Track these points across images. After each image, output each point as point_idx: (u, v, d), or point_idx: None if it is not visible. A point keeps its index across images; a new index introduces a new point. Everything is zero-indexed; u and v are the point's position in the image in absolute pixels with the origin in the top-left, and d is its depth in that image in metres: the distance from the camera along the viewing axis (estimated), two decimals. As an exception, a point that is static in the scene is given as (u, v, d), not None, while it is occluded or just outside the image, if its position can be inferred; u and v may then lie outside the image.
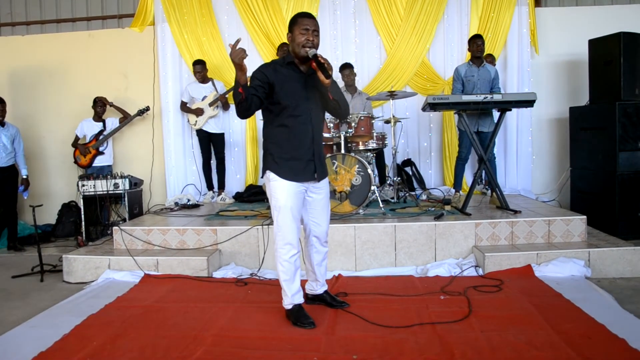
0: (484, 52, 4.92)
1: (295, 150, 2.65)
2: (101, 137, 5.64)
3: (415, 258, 3.82)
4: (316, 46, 2.59)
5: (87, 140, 5.67)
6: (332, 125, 4.50)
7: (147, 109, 5.88)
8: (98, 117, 5.70)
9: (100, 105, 5.67)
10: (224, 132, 5.81)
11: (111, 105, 5.76)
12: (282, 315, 2.79)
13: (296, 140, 2.65)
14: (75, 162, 5.68)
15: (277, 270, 2.71)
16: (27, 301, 3.41)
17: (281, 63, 2.67)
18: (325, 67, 2.50)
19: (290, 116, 2.62)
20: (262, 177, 2.82)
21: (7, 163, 5.13)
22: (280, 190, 2.64)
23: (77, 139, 5.69)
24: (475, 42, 4.87)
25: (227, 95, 5.55)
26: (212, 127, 5.66)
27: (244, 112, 2.56)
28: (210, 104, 5.54)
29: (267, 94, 2.59)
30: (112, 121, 5.76)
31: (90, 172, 5.46)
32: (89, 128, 5.69)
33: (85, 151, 5.60)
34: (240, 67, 2.42)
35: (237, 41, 2.41)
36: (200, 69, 5.57)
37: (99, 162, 5.65)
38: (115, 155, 6.00)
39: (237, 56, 2.38)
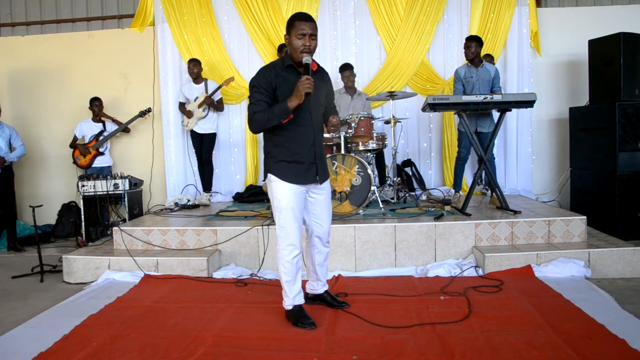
0: (474, 55, 4.79)
1: (296, 153, 2.65)
2: (101, 137, 5.65)
3: (415, 258, 3.83)
4: (313, 49, 2.59)
5: (87, 140, 5.67)
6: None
7: (149, 110, 5.87)
8: (97, 117, 5.71)
9: (97, 104, 5.65)
10: (215, 132, 5.68)
11: (104, 115, 5.76)
12: (282, 315, 2.79)
13: (297, 143, 2.65)
14: (75, 162, 5.69)
15: (279, 271, 2.71)
16: (27, 301, 3.41)
17: (280, 66, 2.67)
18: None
19: (290, 119, 2.62)
20: (264, 180, 2.82)
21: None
22: (282, 191, 2.64)
23: (75, 139, 5.69)
24: (464, 46, 4.85)
25: (213, 97, 5.47)
26: (200, 128, 5.57)
27: (263, 129, 2.63)
28: (199, 106, 5.48)
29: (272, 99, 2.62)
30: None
31: (90, 173, 5.46)
32: (88, 129, 5.69)
33: (85, 151, 5.60)
34: (301, 98, 2.48)
35: (309, 78, 2.48)
36: (192, 66, 5.48)
37: (99, 162, 5.66)
38: (115, 155, 6.00)
39: (309, 88, 2.47)
